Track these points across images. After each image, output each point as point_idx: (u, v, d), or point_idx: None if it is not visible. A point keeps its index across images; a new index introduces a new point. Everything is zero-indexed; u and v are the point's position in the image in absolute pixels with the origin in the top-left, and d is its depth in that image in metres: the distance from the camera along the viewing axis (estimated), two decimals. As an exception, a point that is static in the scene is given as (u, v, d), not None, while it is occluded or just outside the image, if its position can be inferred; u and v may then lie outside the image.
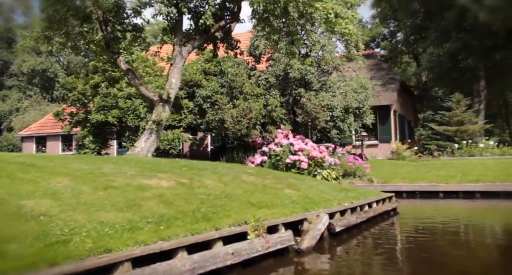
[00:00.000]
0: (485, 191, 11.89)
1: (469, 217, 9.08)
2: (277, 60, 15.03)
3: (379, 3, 27.63)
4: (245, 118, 13.60)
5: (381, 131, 19.97)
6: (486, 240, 5.99)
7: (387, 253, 4.96)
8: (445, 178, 12.85)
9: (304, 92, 14.72)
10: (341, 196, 6.51)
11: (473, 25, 17.94)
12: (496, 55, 18.28)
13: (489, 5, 14.98)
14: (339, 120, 15.47)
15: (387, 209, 7.34)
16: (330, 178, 13.66)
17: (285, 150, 14.50)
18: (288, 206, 4.98)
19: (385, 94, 20.23)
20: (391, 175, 13.95)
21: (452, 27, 18.39)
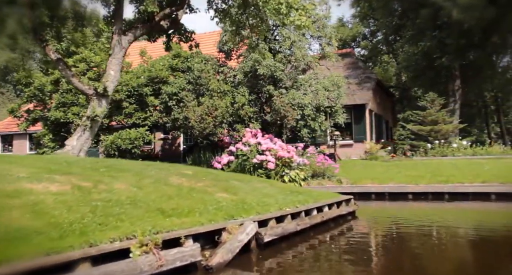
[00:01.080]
0: (453, 192, 11.40)
1: (433, 220, 8.50)
2: (245, 56, 14.32)
3: (358, 2, 27.19)
4: (210, 116, 12.86)
5: (356, 131, 19.44)
6: (447, 249, 5.40)
7: (327, 267, 4.30)
8: (414, 178, 12.33)
9: (274, 90, 14.05)
10: (288, 199, 5.85)
11: (447, 23, 17.54)
12: (470, 54, 17.91)
13: (462, 3, 14.57)
14: (310, 119, 14.85)
15: (341, 213, 6.71)
16: (298, 179, 13.04)
17: (252, 150, 13.84)
18: (209, 213, 4.29)
19: (360, 93, 19.71)
20: (362, 176, 13.38)
21: (426, 25, 17.98)
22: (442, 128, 17.06)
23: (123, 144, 14.06)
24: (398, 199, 11.76)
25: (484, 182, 11.38)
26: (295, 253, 4.82)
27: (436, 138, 17.27)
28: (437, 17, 17.21)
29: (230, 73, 14.84)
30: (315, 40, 17.25)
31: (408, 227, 7.14)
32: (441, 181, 11.85)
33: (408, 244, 5.69)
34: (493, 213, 9.57)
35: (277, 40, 15.48)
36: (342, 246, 5.45)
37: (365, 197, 12.24)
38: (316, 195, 6.71)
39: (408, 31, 19.53)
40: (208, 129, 13.05)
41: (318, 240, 5.61)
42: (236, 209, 4.62)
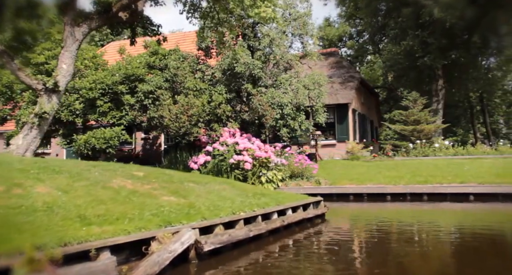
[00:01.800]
0: (432, 193, 11.04)
1: (408, 221, 8.12)
2: (223, 53, 13.81)
3: (343, 2, 26.84)
4: (185, 115, 12.33)
5: (339, 130, 19.06)
6: (420, 255, 4.97)
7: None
8: (394, 179, 11.98)
9: (252, 89, 13.56)
10: (246, 203, 5.39)
11: (429, 22, 17.24)
12: (452, 54, 17.63)
13: (443, 1, 14.25)
14: (290, 119, 14.40)
15: (308, 217, 6.25)
16: (276, 179, 12.62)
17: (230, 150, 13.37)
18: (143, 220, 3.81)
19: (343, 93, 19.34)
20: (341, 176, 12.99)
21: (408, 24, 17.67)
22: (425, 128, 16.75)
23: (97, 143, 13.46)
24: (377, 200, 11.41)
25: (462, 183, 11.07)
26: (246, 262, 4.36)
27: (418, 137, 16.95)
28: (419, 16, 16.90)
29: (209, 71, 14.32)
30: (296, 38, 16.81)
31: (379, 230, 6.73)
32: (420, 181, 11.53)
33: (374, 249, 5.26)
34: (469, 214, 9.22)
35: (257, 37, 14.99)
36: (302, 252, 4.99)
37: (344, 198, 11.86)
38: (282, 198, 6.26)
39: (391, 30, 19.20)
40: (184, 128, 12.54)
41: (278, 246, 5.14)
42: (178, 214, 4.14)
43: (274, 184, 12.44)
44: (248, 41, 14.61)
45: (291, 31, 15.85)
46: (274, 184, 12.43)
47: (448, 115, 38.88)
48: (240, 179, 12.59)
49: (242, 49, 13.84)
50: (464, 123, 42.80)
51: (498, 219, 8.20)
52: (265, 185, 12.35)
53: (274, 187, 12.38)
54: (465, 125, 43.35)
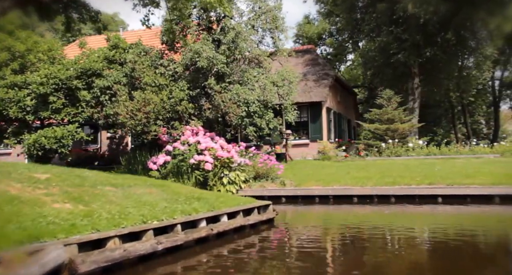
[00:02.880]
0: (399, 195, 10.66)
1: (368, 226, 7.62)
2: (186, 47, 13.16)
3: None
4: (141, 112, 11.64)
5: (313, 129, 18.63)
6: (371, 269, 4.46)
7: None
8: (362, 180, 11.56)
9: (215, 85, 12.95)
10: (171, 209, 4.82)
11: (403, 18, 16.94)
12: (427, 51, 17.38)
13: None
14: (257, 117, 13.84)
15: (248, 223, 5.68)
16: (238, 181, 12.06)
17: (191, 149, 12.74)
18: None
19: (317, 91, 18.92)
20: (308, 177, 12.51)
21: (383, 20, 17.34)
22: (399, 127, 16.43)
23: (48, 143, 12.63)
24: (343, 202, 10.97)
25: (431, 184, 10.73)
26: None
27: (392, 137, 16.63)
28: (394, 12, 16.60)
29: (171, 66, 13.64)
30: (267, 34, 16.27)
31: (330, 238, 6.21)
32: (388, 182, 11.13)
33: (318, 259, 4.72)
34: (432, 217, 8.79)
35: (223, 31, 14.39)
36: (228, 265, 4.42)
37: (309, 200, 11.39)
38: (221, 202, 5.70)
39: (366, 26, 18.87)
40: (140, 126, 11.83)
41: (201, 259, 4.55)
42: (60, 226, 3.49)
43: (237, 185, 11.88)
44: (213, 35, 14.01)
45: (260, 26, 15.32)
46: (237, 186, 11.87)
47: (429, 115, 39.16)
48: (200, 180, 12.01)
49: (205, 42, 13.24)
50: (445, 123, 43.15)
51: (465, 222, 7.81)
52: (227, 186, 11.78)
53: (237, 188, 11.82)
54: (446, 125, 43.72)
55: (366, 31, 18.73)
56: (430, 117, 39.79)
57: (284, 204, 11.41)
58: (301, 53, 23.14)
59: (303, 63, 21.90)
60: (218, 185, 11.86)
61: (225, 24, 13.94)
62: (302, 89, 19.47)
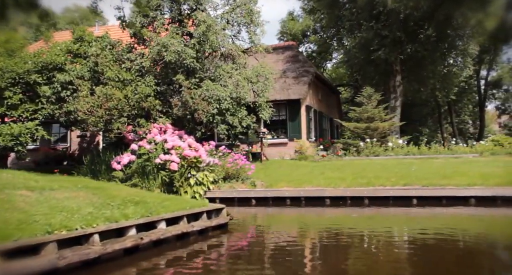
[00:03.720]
0: (373, 196, 10.27)
1: (337, 231, 7.18)
2: (152, 40, 12.57)
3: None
4: (102, 108, 11.02)
5: (291, 128, 18.19)
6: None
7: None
8: (335, 180, 11.15)
9: (184, 80, 12.39)
10: (94, 215, 4.34)
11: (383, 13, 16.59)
12: (407, 47, 17.07)
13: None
14: (229, 114, 13.34)
15: (192, 230, 5.17)
16: (207, 182, 11.55)
17: (157, 148, 12.17)
18: None
19: (295, 88, 18.49)
20: (281, 178, 12.06)
21: (364, 15, 16.97)
22: (379, 126, 16.08)
23: (3, 140, 11.90)
24: (315, 204, 10.55)
25: (406, 185, 10.36)
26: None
27: (372, 136, 16.28)
28: (374, 6, 16.23)
29: (138, 60, 13.03)
30: (242, 28, 15.78)
31: (285, 247, 5.71)
32: (362, 183, 10.74)
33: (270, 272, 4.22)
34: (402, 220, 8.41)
35: (195, 24, 13.83)
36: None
37: (280, 202, 10.94)
38: (163, 206, 5.17)
39: (347, 22, 18.50)
40: (101, 123, 11.20)
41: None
42: None
43: (205, 186, 11.37)
44: (183, 28, 13.45)
45: (235, 20, 14.80)
46: (205, 187, 11.36)
47: (415, 114, 39.18)
48: (166, 181, 11.46)
49: (174, 36, 12.68)
50: (431, 123, 43.24)
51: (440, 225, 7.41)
52: (194, 187, 11.26)
53: (205, 190, 11.31)
54: (432, 124, 43.83)
55: (347, 27, 18.35)
56: (415, 116, 39.86)
57: (254, 206, 10.95)
58: (282, 49, 22.71)
59: (283, 60, 21.47)
60: (185, 186, 11.33)
61: (195, 17, 13.39)
62: (280, 87, 19.04)
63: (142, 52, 13.73)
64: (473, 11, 16.23)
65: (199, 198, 11.11)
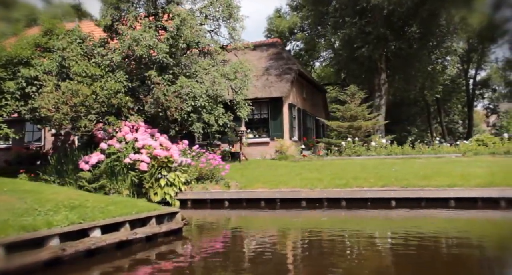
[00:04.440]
0: (350, 198, 9.90)
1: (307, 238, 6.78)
2: (122, 34, 12.04)
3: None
4: (67, 105, 10.47)
5: (273, 127, 17.80)
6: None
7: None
8: (312, 181, 10.76)
9: (156, 76, 11.88)
10: (13, 223, 3.73)
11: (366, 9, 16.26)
12: (391, 44, 16.76)
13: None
14: (205, 112, 12.87)
15: (135, 237, 4.70)
16: (178, 182, 11.06)
17: (128, 147, 11.67)
18: None
19: (278, 85, 18.09)
20: (257, 178, 11.65)
21: (347, 11, 16.62)
22: (362, 125, 15.74)
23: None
24: (291, 206, 10.15)
25: (385, 186, 10.00)
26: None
27: (355, 135, 15.94)
28: (357, 2, 15.88)
29: (109, 55, 12.48)
30: (222, 23, 15.32)
31: (243, 255, 5.27)
32: (340, 184, 10.36)
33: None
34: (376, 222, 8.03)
35: (170, 18, 13.33)
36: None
37: (254, 204, 10.51)
38: (103, 211, 4.69)
39: (331, 18, 18.14)
40: (66, 121, 10.66)
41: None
42: None
43: (176, 188, 10.91)
44: (157, 22, 12.94)
45: (213, 14, 14.34)
46: (176, 188, 10.90)
47: (403, 113, 39.08)
48: (136, 182, 10.97)
49: (146, 30, 12.16)
50: (419, 122, 43.20)
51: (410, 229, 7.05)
52: (164, 189, 10.80)
53: (176, 191, 10.85)
54: (421, 124, 43.79)
55: (331, 24, 17.98)
56: (404, 115, 39.78)
57: (227, 209, 10.52)
58: (266, 47, 22.29)
59: (266, 57, 21.06)
60: (155, 187, 10.87)
61: (170, 10, 12.90)
62: (262, 84, 18.63)
63: (115, 47, 13.19)
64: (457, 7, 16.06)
65: (170, 199, 10.67)
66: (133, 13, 12.39)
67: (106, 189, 11.04)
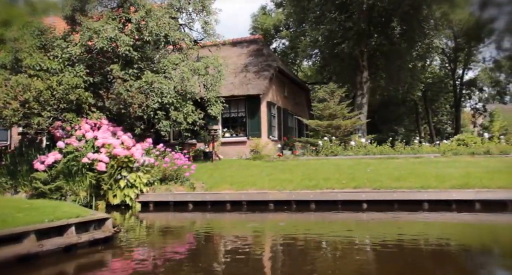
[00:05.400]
0: (320, 200, 9.37)
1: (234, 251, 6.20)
2: (82, 25, 11.36)
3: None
4: (17, 100, 9.78)
5: (250, 126, 17.23)
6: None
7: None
8: (281, 183, 10.22)
9: (118, 70, 11.23)
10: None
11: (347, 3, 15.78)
12: (372, 40, 16.29)
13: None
14: (173, 109, 12.26)
15: (34, 251, 4.05)
16: (139, 184, 10.42)
17: (87, 146, 11.02)
18: None
19: (255, 83, 17.54)
20: (226, 179, 11.01)
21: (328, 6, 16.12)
22: (341, 124, 15.24)
23: None
24: (258, 209, 9.59)
25: (356, 187, 9.47)
26: None
27: (335, 134, 15.44)
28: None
29: (70, 48, 11.79)
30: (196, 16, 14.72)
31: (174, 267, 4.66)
32: (310, 185, 9.83)
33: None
34: (340, 226, 7.47)
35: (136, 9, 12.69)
36: None
37: (220, 207, 9.92)
38: (4, 220, 4.06)
39: (311, 14, 17.63)
40: (15, 118, 9.97)
41: None
42: None
43: (137, 189, 10.28)
44: (121, 14, 12.28)
45: (183, 6, 13.72)
46: (137, 190, 10.28)
47: (391, 113, 38.81)
48: (93, 183, 10.31)
49: (108, 21, 11.51)
50: (407, 122, 42.99)
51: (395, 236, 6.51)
52: (124, 190, 10.17)
53: (137, 193, 10.22)
54: (409, 124, 43.59)
55: (312, 19, 17.48)
56: (392, 115, 39.54)
57: (191, 212, 9.91)
58: (247, 43, 21.75)
59: (246, 54, 20.52)
60: (115, 189, 10.24)
61: (135, 1, 12.25)
62: (240, 82, 18.07)
63: (71, 39, 12.48)
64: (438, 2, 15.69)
65: (130, 202, 10.06)
66: (94, 3, 11.73)
67: (63, 190, 10.39)
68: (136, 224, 8.70)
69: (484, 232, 6.77)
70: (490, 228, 7.07)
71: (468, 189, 8.50)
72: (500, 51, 31.18)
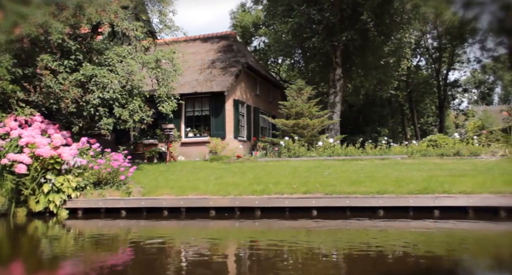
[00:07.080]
0: (266, 207, 8.33)
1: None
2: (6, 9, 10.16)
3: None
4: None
5: (215, 125, 16.13)
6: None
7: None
8: (227, 187, 9.20)
9: (50, 61, 10.09)
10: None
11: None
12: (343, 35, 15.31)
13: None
14: (118, 106, 11.13)
15: None
16: (67, 188, 9.27)
17: (10, 145, 9.82)
18: None
19: (221, 79, 16.45)
20: (167, 183, 9.91)
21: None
22: (308, 123, 14.21)
23: None
24: (198, 216, 8.52)
25: (307, 192, 8.45)
26: None
27: (302, 134, 14.42)
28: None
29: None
30: (151, 5, 13.67)
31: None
32: (257, 190, 8.79)
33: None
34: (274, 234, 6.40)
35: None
36: None
37: (156, 214, 8.83)
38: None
39: (280, 7, 16.64)
40: None
41: None
42: None
43: (64, 194, 9.13)
44: None
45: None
46: (64, 195, 9.12)
47: (374, 114, 37.99)
48: (12, 188, 9.14)
49: (40, 6, 10.34)
50: (391, 123, 42.19)
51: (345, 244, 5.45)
52: (49, 196, 9.01)
53: (64, 198, 9.07)
54: (393, 125, 42.81)
55: (280, 13, 16.49)
56: (376, 116, 38.70)
57: (124, 219, 8.80)
58: (217, 39, 20.70)
59: (216, 50, 19.47)
60: (38, 194, 9.08)
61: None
62: (204, 78, 16.99)
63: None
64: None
65: (55, 208, 8.91)
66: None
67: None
68: (55, 233, 7.58)
69: (435, 241, 5.74)
70: (444, 237, 6.06)
71: (427, 194, 7.53)
72: (483, 52, 30.53)
